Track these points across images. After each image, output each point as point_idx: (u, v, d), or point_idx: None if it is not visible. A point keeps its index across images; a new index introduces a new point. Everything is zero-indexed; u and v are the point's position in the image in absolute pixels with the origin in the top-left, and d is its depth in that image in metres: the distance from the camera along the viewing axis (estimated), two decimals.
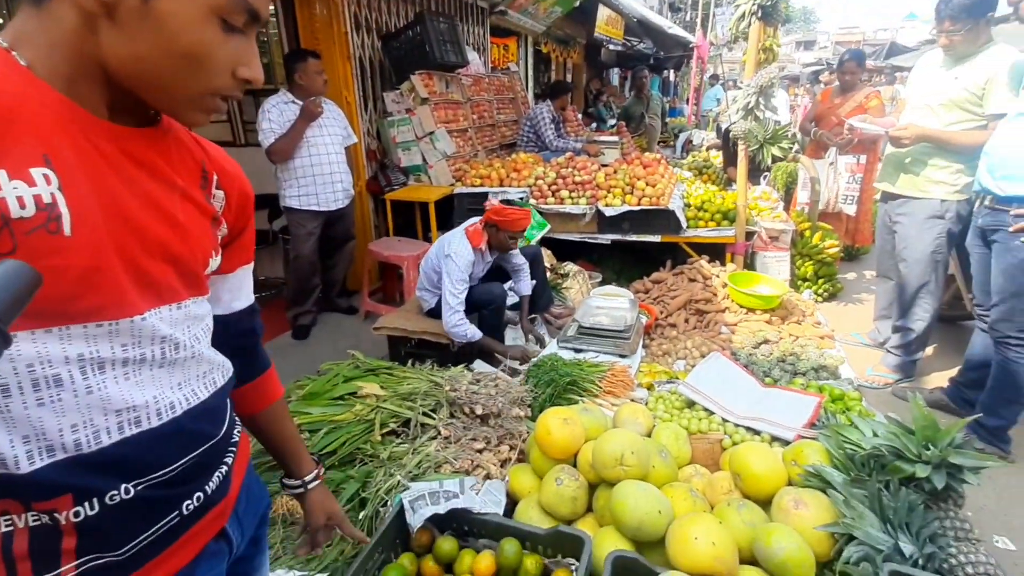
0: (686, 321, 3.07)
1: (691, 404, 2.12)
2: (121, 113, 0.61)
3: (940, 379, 2.60)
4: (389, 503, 1.62)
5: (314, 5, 3.46)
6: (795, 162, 3.84)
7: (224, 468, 0.74)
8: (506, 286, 2.98)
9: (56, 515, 0.57)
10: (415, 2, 4.35)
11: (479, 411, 1.97)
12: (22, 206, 0.50)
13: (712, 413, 2.03)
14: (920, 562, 1.23)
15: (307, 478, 0.98)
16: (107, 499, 0.60)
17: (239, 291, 0.83)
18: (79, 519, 0.58)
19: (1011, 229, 1.85)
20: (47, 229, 0.51)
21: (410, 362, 2.34)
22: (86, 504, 0.58)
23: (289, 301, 3.33)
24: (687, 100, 12.15)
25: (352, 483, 1.75)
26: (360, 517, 1.62)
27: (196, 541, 0.70)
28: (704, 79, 11.75)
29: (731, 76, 13.89)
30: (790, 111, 6.82)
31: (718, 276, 3.33)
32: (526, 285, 2.89)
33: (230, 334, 0.82)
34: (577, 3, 6.97)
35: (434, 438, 1.90)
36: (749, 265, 3.60)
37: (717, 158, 5.29)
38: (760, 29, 3.06)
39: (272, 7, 3.76)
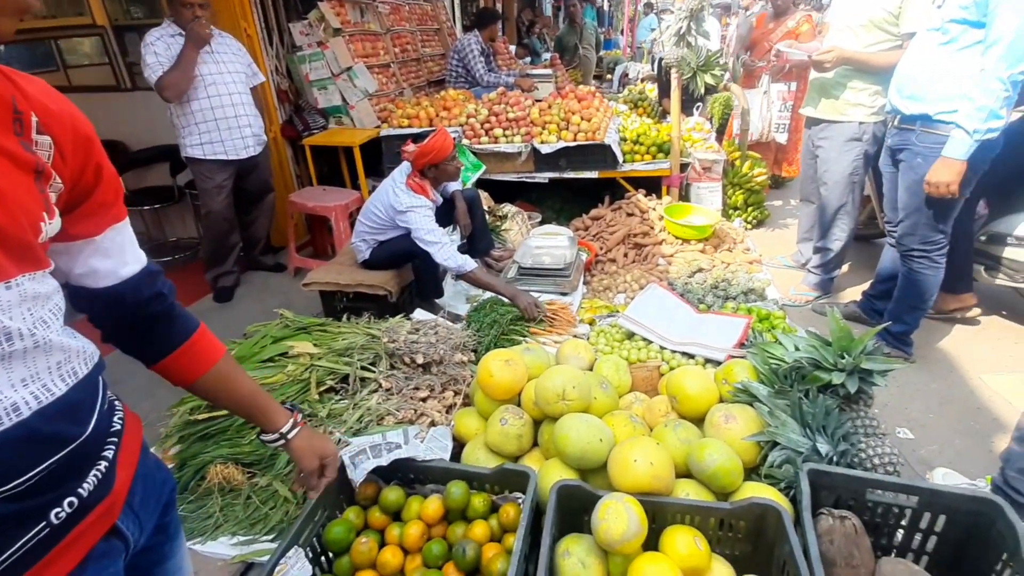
0: (625, 255, 3.11)
1: (631, 335, 2.17)
2: None
3: (855, 293, 2.80)
4: None
5: None
6: (728, 91, 3.85)
7: (103, 464, 0.65)
8: (456, 235, 2.88)
9: None
10: None
11: (420, 360, 1.92)
12: None
13: (651, 342, 2.09)
14: (835, 459, 1.33)
15: (283, 429, 0.94)
16: None
17: (120, 255, 0.71)
18: None
19: (919, 144, 1.93)
20: None
21: (346, 317, 2.24)
22: None
23: (207, 262, 3.06)
24: (622, 31, 11.85)
25: None
26: None
27: (77, 547, 0.62)
28: (638, 8, 11.46)
29: (665, 4, 13.60)
30: (721, 40, 6.78)
31: (655, 209, 3.36)
32: (454, 186, 2.76)
33: (130, 305, 0.72)
34: None
35: (375, 391, 1.84)
36: (684, 196, 3.65)
37: (652, 91, 5.23)
38: None
39: None
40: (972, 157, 1.81)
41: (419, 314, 2.36)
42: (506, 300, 2.33)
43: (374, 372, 1.89)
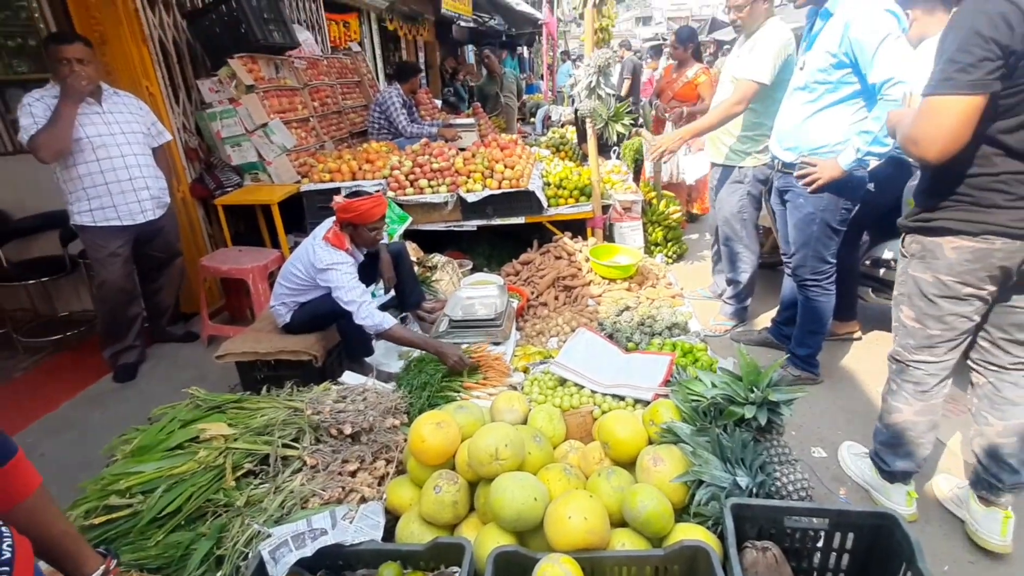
0: (556, 298, 3.17)
1: (563, 381, 2.19)
2: None
3: (767, 319, 3.00)
4: (251, 555, 1.44)
5: None
6: (638, 136, 4.13)
7: None
8: (380, 292, 2.81)
9: None
10: None
11: (348, 430, 1.83)
12: None
13: (582, 387, 2.12)
14: (754, 490, 1.39)
15: (96, 573, 0.87)
16: None
17: None
18: None
19: (799, 185, 2.14)
20: None
21: (266, 388, 2.10)
22: None
23: (103, 338, 2.78)
24: (542, 76, 12.50)
25: (204, 542, 1.53)
26: None
27: None
28: (556, 55, 12.16)
29: (580, 51, 14.55)
30: (649, 83, 7.32)
31: (581, 251, 3.48)
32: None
33: None
34: None
35: (299, 470, 1.73)
36: (608, 236, 3.81)
37: (573, 134, 5.51)
38: (594, 14, 3.17)
39: None
40: (845, 188, 2.02)
41: (348, 377, 2.27)
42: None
43: (297, 449, 1.78)
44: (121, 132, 2.60)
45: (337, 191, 3.47)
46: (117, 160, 2.57)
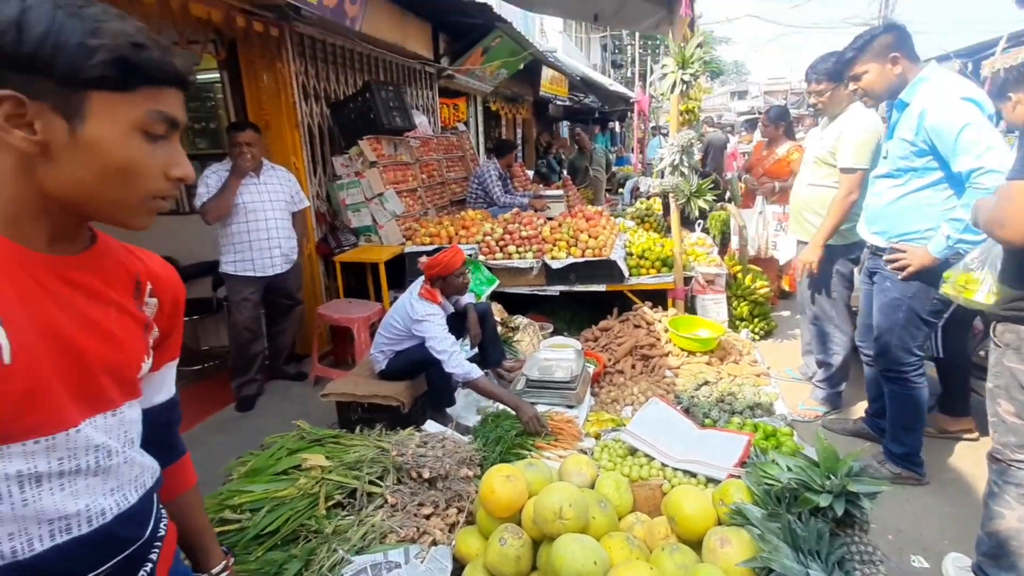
0: (633, 367, 3.19)
1: (634, 451, 2.20)
2: (62, 241, 0.68)
3: (864, 408, 2.78)
4: None
5: (261, 76, 3.60)
6: (725, 211, 4.15)
7: (149, 566, 0.77)
8: (467, 347, 3.05)
9: None
10: (363, 71, 4.58)
11: (426, 475, 1.98)
12: None
13: (653, 459, 2.12)
14: None
15: (214, 570, 0.99)
16: None
17: (161, 386, 0.88)
18: None
19: (887, 268, 2.06)
20: None
21: (359, 428, 2.34)
22: None
23: (232, 370, 3.26)
24: (632, 149, 12.89)
25: (294, 562, 1.72)
26: None
27: None
28: (647, 129, 12.55)
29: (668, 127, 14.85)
30: (741, 156, 7.38)
31: (660, 321, 3.50)
32: (467, 298, 2.99)
33: (147, 425, 0.85)
34: (521, 66, 7.44)
35: (380, 507, 1.89)
36: (690, 308, 3.79)
37: (659, 206, 5.63)
38: (677, 99, 3.37)
39: (217, 76, 3.87)
40: (938, 277, 1.91)
41: (430, 426, 2.45)
42: (512, 412, 2.42)
43: (381, 487, 1.95)
44: (269, 200, 3.16)
45: (435, 254, 3.86)
46: (261, 223, 3.11)
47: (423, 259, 2.70)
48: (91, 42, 0.58)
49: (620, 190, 9.12)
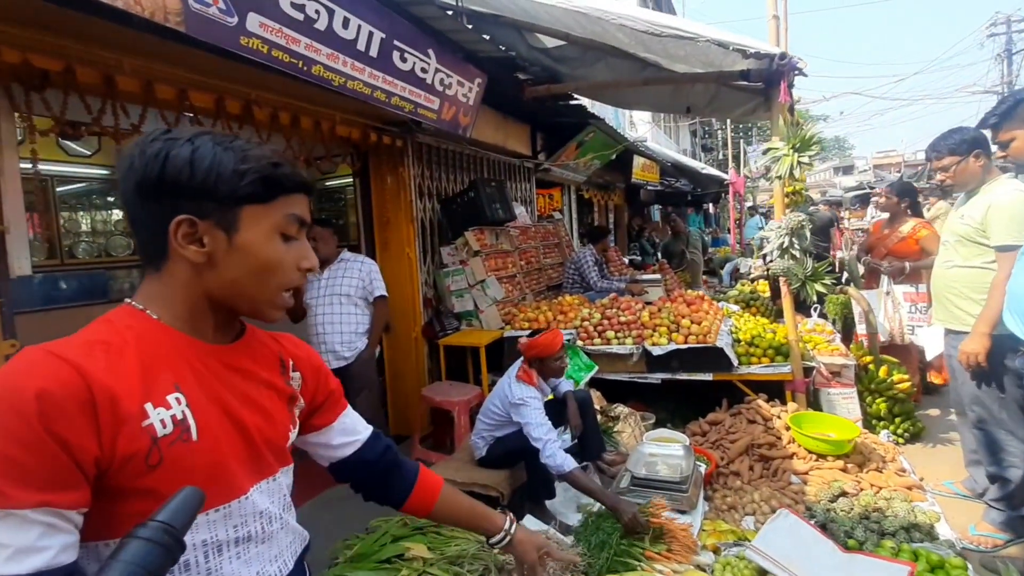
0: (751, 469, 2.88)
1: (763, 572, 1.92)
2: (222, 332, 0.81)
3: None
4: None
5: (386, 178, 4.10)
6: (844, 294, 3.81)
7: None
8: (567, 435, 2.98)
9: None
10: (469, 169, 5.04)
11: None
12: (164, 426, 0.67)
13: None
14: None
15: (506, 526, 1.09)
16: None
17: (353, 428, 1.01)
18: None
19: None
20: (182, 439, 0.68)
21: None
22: None
23: None
24: (728, 230, 12.55)
25: None
26: None
27: None
28: (743, 210, 12.23)
29: (772, 205, 14.36)
30: (837, 235, 6.91)
31: (779, 417, 3.17)
32: (566, 384, 2.96)
33: (371, 460, 0.99)
34: (614, 156, 7.76)
35: None
36: (813, 403, 3.41)
37: (765, 288, 5.32)
38: (782, 182, 3.29)
39: (351, 179, 4.44)
40: None
41: (529, 522, 2.35)
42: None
43: None
44: (328, 294, 3.13)
45: (532, 333, 3.91)
46: (315, 319, 3.13)
47: (523, 340, 2.75)
48: (241, 168, 0.73)
49: (720, 271, 8.80)
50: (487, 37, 3.51)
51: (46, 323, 2.55)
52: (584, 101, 5.48)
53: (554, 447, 2.39)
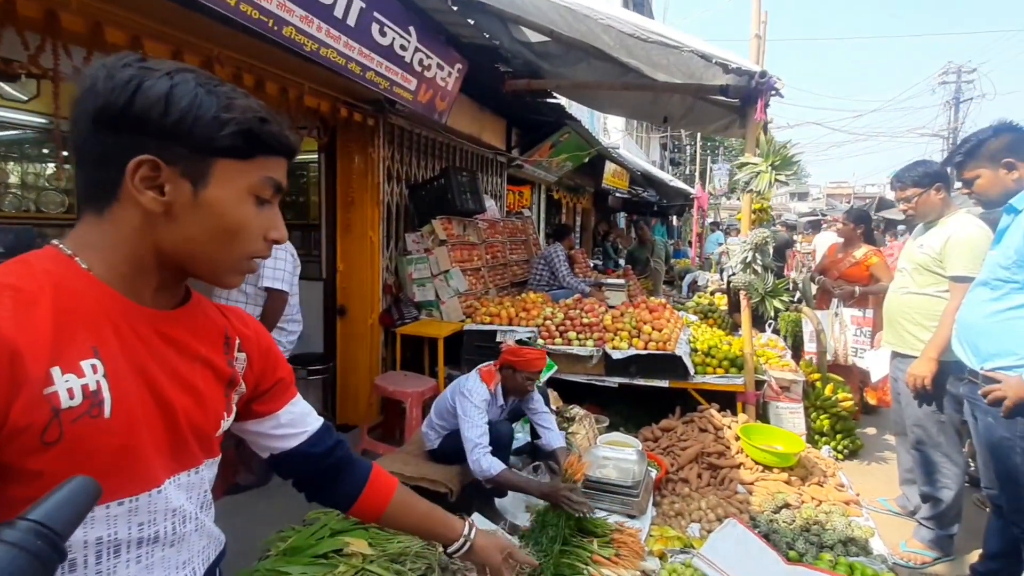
0: (699, 476, 2.91)
1: None
2: (163, 295, 0.70)
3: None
4: None
5: (353, 157, 3.92)
6: (798, 312, 3.94)
7: None
8: (522, 433, 2.91)
9: None
10: (442, 157, 4.91)
11: None
12: (71, 396, 0.56)
13: None
14: None
15: (465, 532, 1.01)
16: None
17: (302, 420, 0.89)
18: None
19: (983, 402, 1.80)
20: (90, 415, 0.57)
21: None
22: None
23: None
24: (690, 243, 12.88)
25: None
26: None
27: None
28: (705, 225, 12.59)
29: (731, 222, 14.86)
30: (809, 257, 7.20)
31: (730, 427, 3.23)
32: (556, 437, 2.66)
33: (318, 456, 0.88)
34: (586, 160, 7.79)
35: None
36: (762, 416, 3.50)
37: (722, 301, 5.45)
38: (752, 198, 3.35)
39: (315, 155, 4.24)
40: None
41: (478, 520, 2.28)
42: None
43: None
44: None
45: (494, 334, 3.83)
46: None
47: (509, 342, 2.62)
48: (224, 115, 0.64)
49: (678, 282, 9.00)
50: (471, 22, 3.41)
51: None
52: (562, 101, 5.45)
53: (481, 451, 2.28)
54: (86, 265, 0.63)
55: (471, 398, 2.40)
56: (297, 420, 0.88)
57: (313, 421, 0.91)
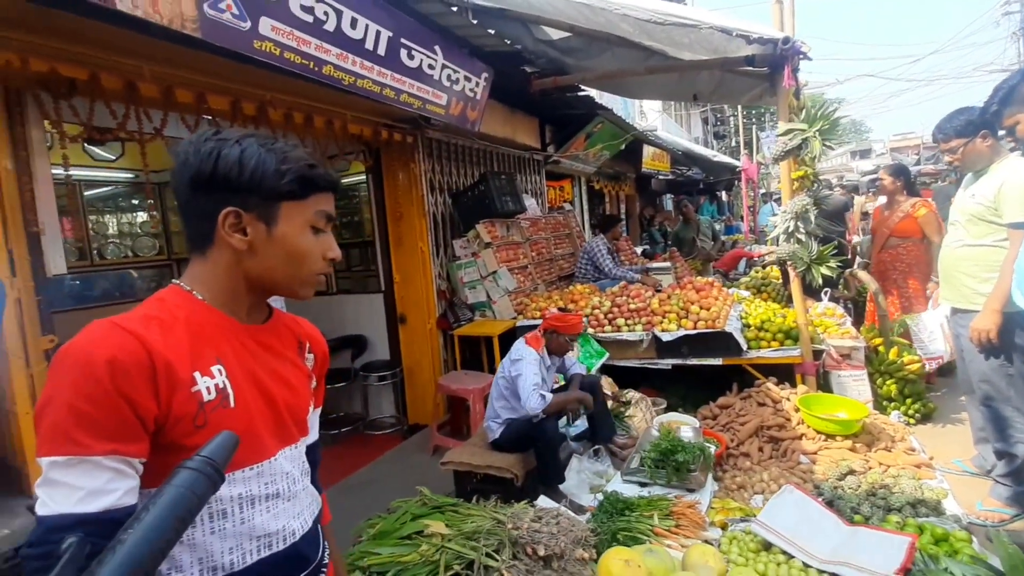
0: (760, 450, 2.93)
1: (768, 546, 1.99)
2: (254, 312, 0.91)
3: None
4: None
5: (397, 174, 4.19)
6: (852, 278, 3.82)
7: None
8: (580, 421, 3.11)
9: None
10: (479, 163, 5.10)
11: (541, 552, 1.96)
12: (209, 393, 0.77)
13: (792, 557, 1.89)
14: None
15: None
16: None
17: (313, 425, 1.05)
18: None
19: None
20: (222, 406, 0.78)
21: (476, 498, 2.40)
22: None
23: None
24: (742, 217, 12.44)
25: None
26: None
27: None
28: (757, 196, 12.11)
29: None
30: (848, 220, 6.85)
31: (788, 399, 3.21)
32: (576, 367, 3.18)
33: (312, 461, 1.02)
34: (623, 147, 7.75)
35: None
36: (824, 386, 3.44)
37: (777, 276, 5.31)
38: (791, 164, 3.30)
39: (364, 176, 4.54)
40: None
41: (543, 501, 2.44)
42: (627, 495, 2.33)
43: (497, 561, 1.96)
44: None
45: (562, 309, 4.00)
46: None
47: (551, 311, 2.97)
48: (282, 168, 0.82)
49: None
50: (492, 32, 3.56)
51: (80, 321, 2.68)
52: (592, 92, 5.49)
53: (535, 395, 2.59)
54: (200, 296, 0.84)
55: (527, 361, 2.70)
56: (313, 425, 1.02)
57: (314, 433, 1.03)
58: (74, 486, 0.65)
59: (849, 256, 5.61)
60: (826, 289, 4.06)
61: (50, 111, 2.21)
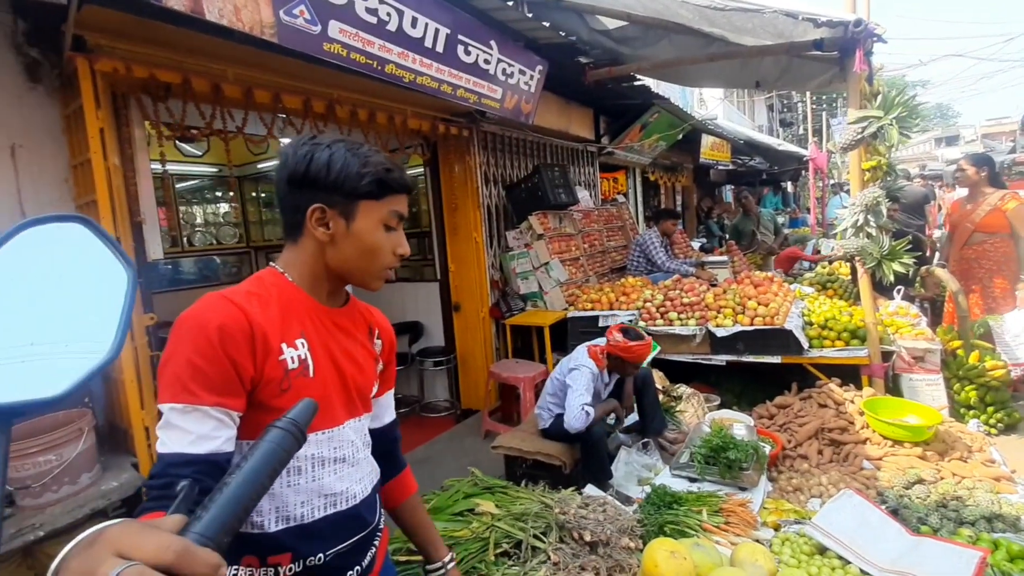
0: (819, 452, 2.83)
1: (823, 550, 1.93)
2: (333, 296, 1.01)
3: None
4: None
5: (454, 167, 4.31)
6: (928, 276, 3.55)
7: (373, 550, 1.02)
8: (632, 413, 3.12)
9: (280, 568, 0.87)
10: (533, 155, 5.14)
11: (588, 537, 2.01)
12: (293, 362, 0.88)
13: (848, 563, 1.83)
14: None
15: (445, 559, 1.21)
16: (307, 561, 0.89)
17: (387, 409, 1.17)
18: (291, 575, 0.87)
19: None
20: (304, 374, 0.89)
21: (524, 482, 2.48)
22: (297, 562, 0.88)
23: None
24: (808, 210, 11.75)
25: None
26: None
27: None
28: (826, 187, 11.40)
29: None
30: (928, 213, 6.35)
31: (852, 402, 3.06)
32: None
33: (382, 440, 1.14)
34: (680, 136, 7.52)
35: (544, 562, 1.96)
36: (893, 390, 3.25)
37: (846, 272, 5.02)
38: (862, 153, 3.12)
39: (421, 169, 4.69)
40: None
41: (590, 489, 2.48)
42: (677, 489, 2.32)
43: (544, 543, 2.03)
44: None
45: (596, 319, 3.99)
46: None
47: (619, 336, 2.75)
48: (363, 171, 0.91)
49: None
50: (547, 24, 3.57)
51: (174, 301, 2.98)
52: (648, 81, 5.38)
53: (581, 415, 2.58)
54: (291, 278, 0.95)
55: (582, 372, 2.70)
56: (384, 406, 1.13)
57: (391, 413, 1.15)
58: (187, 430, 0.77)
59: (928, 252, 5.22)
60: (899, 287, 3.81)
61: (150, 112, 2.46)
